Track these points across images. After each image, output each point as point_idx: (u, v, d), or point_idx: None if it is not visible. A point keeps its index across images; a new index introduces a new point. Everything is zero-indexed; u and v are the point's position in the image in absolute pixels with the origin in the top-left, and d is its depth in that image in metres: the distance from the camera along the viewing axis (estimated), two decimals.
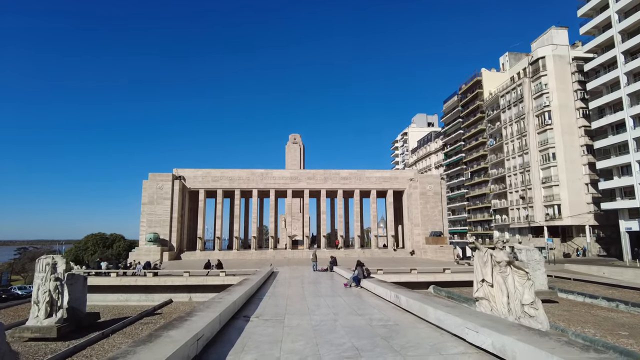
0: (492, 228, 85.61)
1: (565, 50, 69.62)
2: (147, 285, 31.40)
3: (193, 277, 31.50)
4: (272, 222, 63.69)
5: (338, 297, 15.23)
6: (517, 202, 74.91)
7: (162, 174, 58.93)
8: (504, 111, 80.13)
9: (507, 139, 78.42)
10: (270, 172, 62.78)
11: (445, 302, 10.90)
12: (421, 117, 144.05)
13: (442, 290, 31.65)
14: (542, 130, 69.19)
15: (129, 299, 31.55)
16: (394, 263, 46.18)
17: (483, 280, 16.60)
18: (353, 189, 63.36)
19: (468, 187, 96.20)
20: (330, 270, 31.18)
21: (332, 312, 11.48)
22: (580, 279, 35.18)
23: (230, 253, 59.71)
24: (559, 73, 68.57)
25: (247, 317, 10.54)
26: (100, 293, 31.50)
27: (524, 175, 73.33)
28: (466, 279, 34.00)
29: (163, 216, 57.92)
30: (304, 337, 8.35)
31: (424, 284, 33.56)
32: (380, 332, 8.74)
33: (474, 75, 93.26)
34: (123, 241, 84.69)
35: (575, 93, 68.03)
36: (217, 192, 61.64)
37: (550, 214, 66.93)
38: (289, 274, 29.74)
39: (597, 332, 17.16)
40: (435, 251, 56.55)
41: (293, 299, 15.01)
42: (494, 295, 16.36)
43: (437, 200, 62.06)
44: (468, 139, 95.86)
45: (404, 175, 66.69)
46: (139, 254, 52.48)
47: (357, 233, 64.51)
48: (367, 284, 17.18)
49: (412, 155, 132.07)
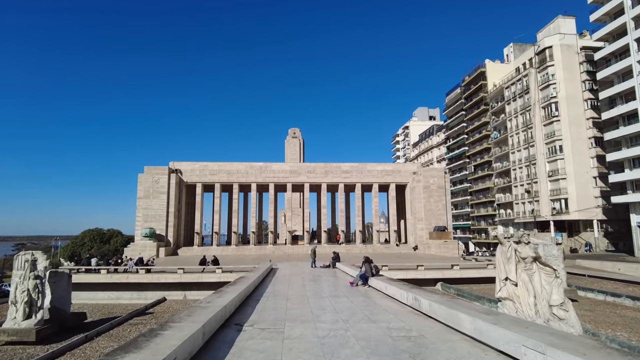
0: (495, 223, 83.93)
1: (573, 39, 67.49)
2: (139, 283, 29.73)
3: (188, 273, 29.82)
4: (271, 217, 61.98)
5: (344, 298, 13.48)
6: (522, 196, 73.17)
7: (158, 167, 57.12)
8: (508, 103, 78.12)
9: (512, 132, 76.49)
10: (269, 165, 60.97)
11: (479, 308, 9.13)
12: (422, 110, 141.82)
13: (450, 287, 30.00)
14: (548, 122, 67.27)
15: (120, 297, 29.88)
16: (397, 259, 44.55)
17: (506, 279, 14.88)
18: (354, 182, 61.61)
19: (471, 181, 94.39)
20: (333, 267, 29.49)
21: (341, 318, 9.72)
22: (595, 276, 33.52)
23: (229, 249, 58.10)
24: (566, 63, 66.49)
25: (240, 326, 8.79)
26: (89, 291, 29.86)
27: (529, 168, 71.51)
28: (475, 275, 32.40)
29: (159, 211, 56.19)
30: (310, 354, 6.58)
31: (431, 281, 31.94)
32: (405, 347, 6.98)
33: (478, 67, 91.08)
34: (121, 237, 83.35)
35: (584, 84, 66.00)
36: (215, 186, 59.88)
37: (556, 208, 65.21)
38: (289, 270, 28.05)
39: (631, 336, 15.45)
40: (439, 246, 54.94)
41: (294, 300, 13.26)
42: (518, 295, 14.62)
43: (441, 194, 60.37)
44: (471, 131, 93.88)
45: (406, 168, 64.89)
46: (134, 250, 50.93)
47: (358, 228, 62.87)
48: (377, 282, 15.41)
49: (413, 150, 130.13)
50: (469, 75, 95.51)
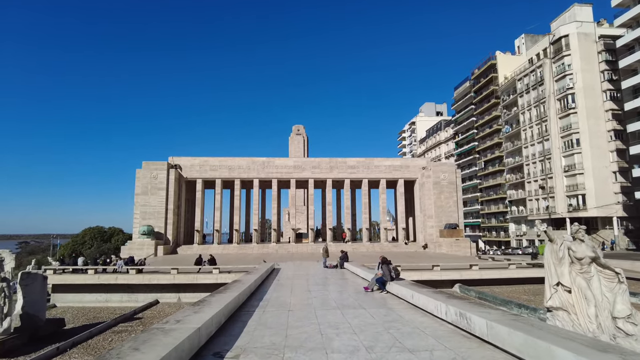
0: (507, 220, 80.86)
1: (590, 27, 64.14)
2: (129, 284, 27.29)
3: (182, 274, 27.34)
4: (274, 214, 59.41)
5: (361, 310, 10.84)
6: (536, 192, 70.05)
7: (157, 162, 54.77)
8: (521, 95, 74.92)
9: (525, 125, 73.32)
10: (272, 160, 58.39)
11: (578, 337, 6.26)
12: (429, 106, 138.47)
13: (470, 289, 27.27)
14: (564, 115, 64.08)
15: (109, 300, 27.47)
16: (407, 258, 41.90)
17: (558, 284, 12.15)
18: (361, 178, 58.89)
19: (481, 178, 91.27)
20: (341, 267, 26.86)
21: (362, 344, 7.06)
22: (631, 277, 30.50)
23: (230, 247, 55.68)
24: (584, 52, 63.19)
25: (220, 358, 6.17)
26: (76, 293, 27.48)
27: (543, 163, 68.37)
28: (496, 276, 29.66)
29: (158, 207, 53.86)
30: None
31: (448, 283, 29.22)
32: None
33: (488, 59, 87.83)
34: (122, 235, 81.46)
35: (602, 74, 62.68)
36: (216, 182, 57.44)
37: (573, 205, 62.10)
38: (293, 271, 25.47)
39: None
40: (450, 245, 52.14)
41: (297, 312, 10.64)
42: (573, 304, 11.88)
43: (451, 190, 57.50)
44: (481, 126, 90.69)
45: (415, 163, 62.00)
46: (132, 248, 48.67)
47: (365, 226, 60.13)
48: (399, 289, 12.73)
49: (420, 146, 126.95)
50: (478, 68, 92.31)
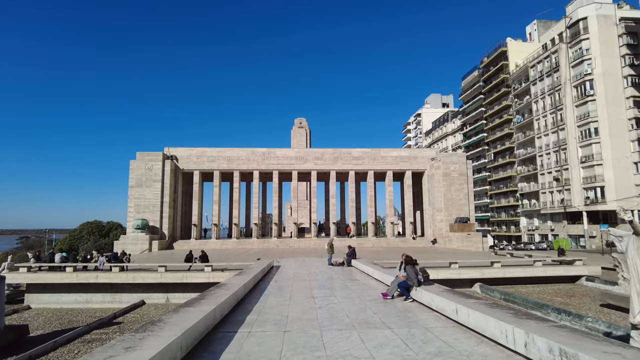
0: (518, 214, 77.65)
1: (610, 9, 60.43)
2: (112, 283, 24.52)
3: (171, 272, 24.51)
4: (275, 208, 56.46)
5: (387, 331, 7.85)
6: (550, 184, 66.74)
7: (151, 152, 51.84)
8: (534, 83, 71.32)
9: (538, 114, 69.82)
10: (273, 151, 55.35)
11: None
12: (435, 97, 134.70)
13: (493, 290, 24.31)
14: (581, 103, 60.59)
15: (89, 301, 24.72)
16: (417, 254, 38.80)
17: None
18: (366, 170, 55.76)
19: (491, 170, 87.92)
20: (348, 265, 23.95)
21: None
22: None
23: (229, 242, 52.87)
24: (603, 36, 59.53)
25: None
26: (53, 293, 24.74)
27: (558, 154, 64.98)
28: (521, 274, 26.65)
29: (153, 200, 51.05)
30: None
31: (467, 282, 26.29)
32: None
33: (498, 46, 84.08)
34: (120, 229, 79.19)
35: (623, 58, 59.05)
36: (214, 173, 54.49)
37: (591, 198, 58.83)
38: (294, 270, 22.58)
39: None
40: (461, 240, 49.13)
41: (296, 335, 7.68)
42: None
43: (462, 182, 54.31)
44: (491, 116, 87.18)
45: (424, 154, 58.74)
46: (125, 243, 46.01)
47: (370, 220, 57.12)
48: (434, 298, 9.62)
49: (426, 138, 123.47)
50: (487, 56, 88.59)
